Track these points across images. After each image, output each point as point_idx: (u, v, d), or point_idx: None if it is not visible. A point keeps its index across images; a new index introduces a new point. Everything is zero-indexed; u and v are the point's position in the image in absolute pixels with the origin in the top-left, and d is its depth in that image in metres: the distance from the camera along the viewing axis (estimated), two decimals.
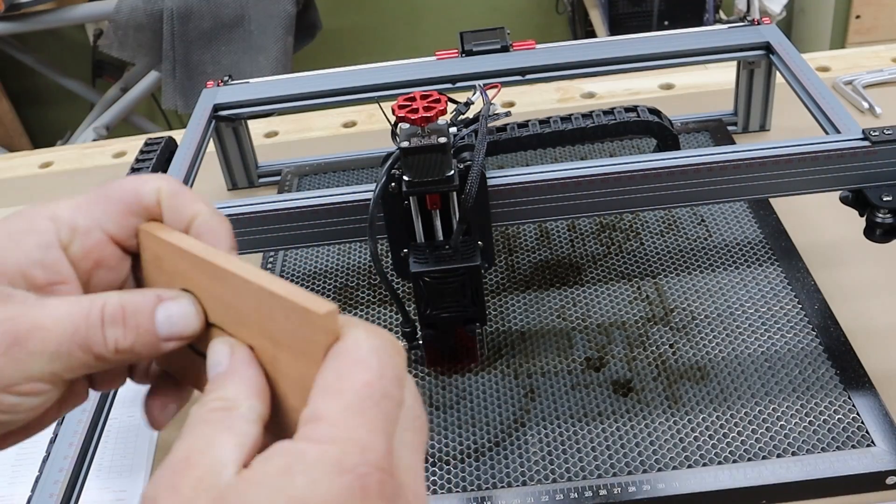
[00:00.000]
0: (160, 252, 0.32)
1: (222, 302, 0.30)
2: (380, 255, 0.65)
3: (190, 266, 0.31)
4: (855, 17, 2.03)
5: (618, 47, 0.82)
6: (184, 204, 0.33)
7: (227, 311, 0.30)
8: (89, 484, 0.57)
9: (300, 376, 0.28)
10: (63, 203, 0.32)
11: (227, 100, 0.83)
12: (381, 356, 0.27)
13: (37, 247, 0.31)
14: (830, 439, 0.58)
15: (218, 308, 0.31)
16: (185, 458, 0.26)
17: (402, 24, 2.53)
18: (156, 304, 0.30)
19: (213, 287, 0.30)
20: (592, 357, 0.67)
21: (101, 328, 0.29)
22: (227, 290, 0.30)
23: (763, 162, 0.61)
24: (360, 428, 0.25)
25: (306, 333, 0.27)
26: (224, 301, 0.30)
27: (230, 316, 0.30)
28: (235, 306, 0.30)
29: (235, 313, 0.30)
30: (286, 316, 0.28)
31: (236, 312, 0.30)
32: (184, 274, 0.31)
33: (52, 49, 2.36)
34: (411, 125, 0.56)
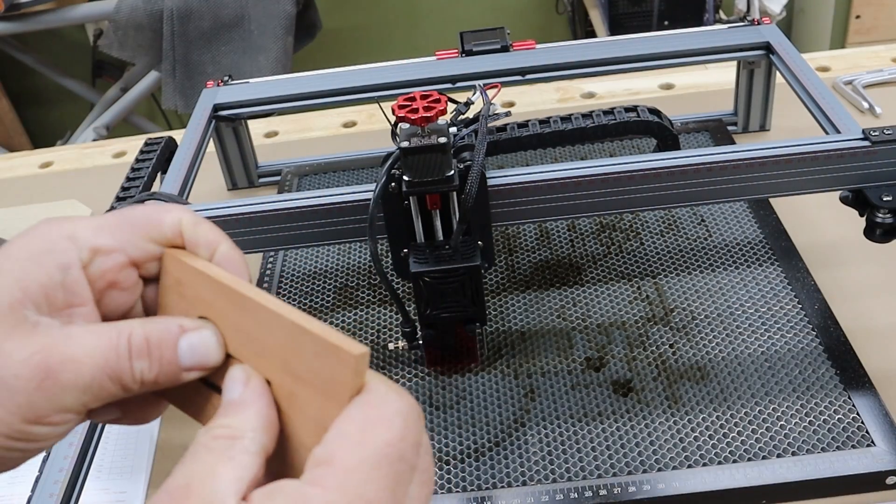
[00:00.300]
0: (184, 278, 0.32)
1: (245, 333, 0.30)
2: (380, 255, 0.65)
3: (215, 294, 0.31)
4: (855, 17, 2.03)
5: (618, 47, 0.82)
6: (205, 235, 0.33)
7: (248, 342, 0.30)
8: (89, 484, 0.57)
9: (318, 415, 0.28)
10: (82, 222, 0.32)
11: (227, 100, 0.83)
12: (405, 419, 0.27)
13: (58, 268, 0.31)
14: (830, 439, 0.58)
15: (238, 339, 0.31)
16: (185, 486, 0.26)
17: (402, 24, 2.53)
18: (179, 335, 0.31)
19: (237, 317, 0.30)
20: (592, 357, 0.67)
21: (129, 360, 0.30)
22: (253, 322, 0.30)
23: (763, 162, 0.61)
24: (371, 484, 0.26)
25: (334, 373, 0.28)
26: (247, 333, 0.30)
27: (251, 348, 0.30)
28: (259, 339, 0.30)
29: (257, 345, 0.30)
30: (316, 353, 0.28)
31: (258, 345, 0.30)
32: (206, 301, 0.31)
33: (52, 49, 2.36)
34: (411, 125, 0.56)
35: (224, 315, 0.31)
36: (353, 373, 0.27)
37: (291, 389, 0.29)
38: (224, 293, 0.30)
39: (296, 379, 0.29)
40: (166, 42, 1.70)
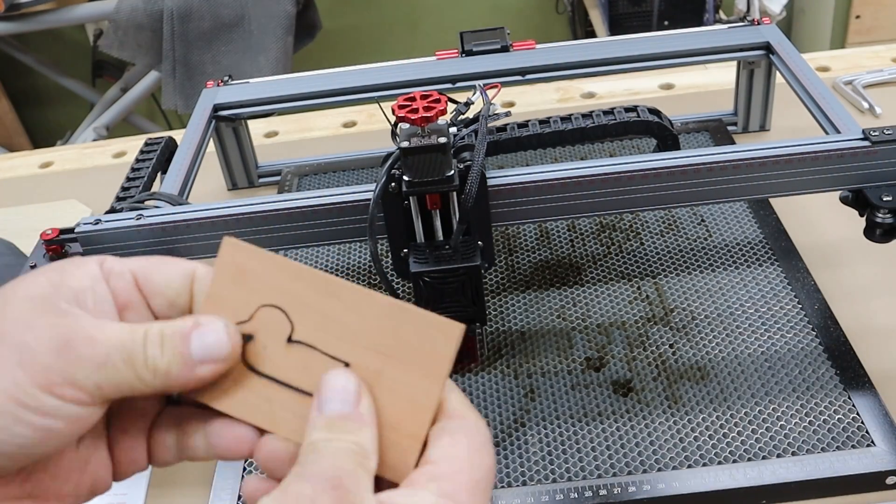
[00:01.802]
0: (249, 265, 0.32)
1: (324, 317, 0.31)
2: (380, 255, 0.65)
3: (292, 281, 0.31)
4: (855, 17, 2.03)
5: (618, 47, 0.82)
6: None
7: (326, 327, 0.31)
8: None
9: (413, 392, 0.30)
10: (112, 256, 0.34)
11: (227, 100, 0.83)
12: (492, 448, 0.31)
13: (87, 277, 0.32)
14: (830, 439, 0.58)
15: (314, 323, 0.31)
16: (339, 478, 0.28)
17: (401, 24, 2.53)
18: (192, 329, 0.31)
19: (317, 302, 0.31)
20: (592, 357, 0.67)
21: (143, 347, 0.31)
22: (339, 305, 0.31)
23: (763, 162, 0.61)
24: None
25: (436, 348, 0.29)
26: (328, 316, 0.31)
27: (330, 332, 0.31)
28: (344, 321, 0.30)
29: (339, 329, 0.31)
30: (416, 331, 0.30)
31: (341, 328, 0.31)
32: (275, 288, 0.31)
33: (52, 49, 2.36)
34: (411, 125, 0.56)
35: (300, 300, 0.31)
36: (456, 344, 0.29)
37: (379, 370, 0.30)
38: (304, 278, 0.31)
39: (387, 358, 0.30)
40: (166, 42, 1.70)
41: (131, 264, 0.34)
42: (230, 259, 0.32)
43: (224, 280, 0.32)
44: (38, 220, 0.94)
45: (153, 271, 0.33)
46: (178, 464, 0.35)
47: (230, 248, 0.32)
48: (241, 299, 0.32)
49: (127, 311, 0.33)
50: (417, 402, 0.30)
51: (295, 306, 0.31)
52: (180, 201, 0.67)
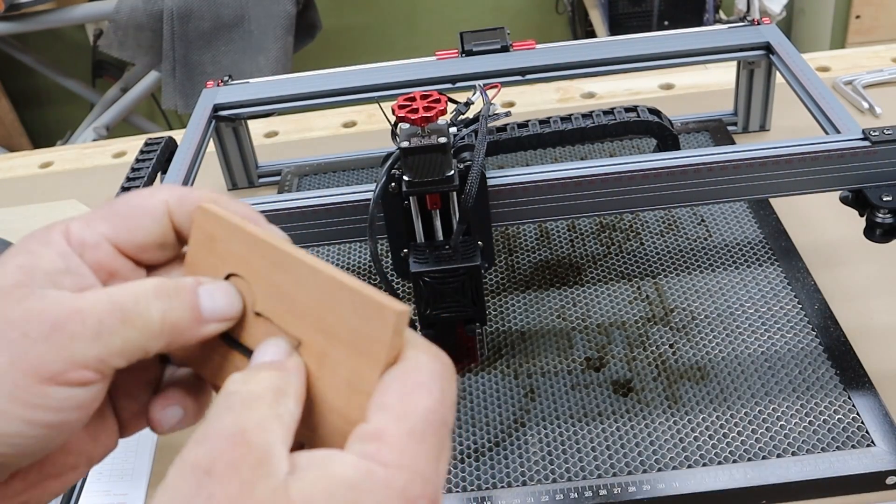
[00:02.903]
0: (217, 233, 0.31)
1: (278, 290, 0.30)
2: (380, 255, 0.65)
3: (249, 249, 0.30)
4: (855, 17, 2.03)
5: (618, 47, 0.82)
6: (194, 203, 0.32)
7: (280, 300, 0.29)
8: (90, 487, 0.57)
9: (351, 376, 0.28)
10: (75, 220, 0.32)
11: (227, 100, 0.83)
12: (442, 382, 0.27)
13: (58, 255, 0.30)
14: (830, 439, 0.58)
15: (270, 296, 0.30)
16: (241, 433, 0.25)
17: (401, 24, 2.53)
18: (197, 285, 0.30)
19: (271, 273, 0.30)
20: (592, 357, 0.67)
21: (147, 301, 0.29)
22: (289, 278, 0.29)
23: (763, 162, 0.61)
24: (422, 456, 0.26)
25: (373, 331, 0.27)
26: (281, 289, 0.29)
27: (283, 306, 0.29)
28: (293, 296, 0.29)
29: (290, 303, 0.29)
30: (355, 310, 0.27)
31: (291, 303, 0.29)
32: (239, 257, 0.31)
33: (52, 49, 2.36)
34: (411, 125, 0.56)
35: (257, 271, 0.30)
36: (393, 331, 0.27)
37: (323, 349, 0.28)
38: (259, 248, 0.30)
39: (330, 338, 0.28)
40: (166, 42, 1.70)
41: (101, 228, 0.31)
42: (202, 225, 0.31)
43: (196, 246, 0.32)
44: (38, 220, 0.93)
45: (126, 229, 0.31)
46: None
47: (201, 214, 0.31)
48: (210, 267, 0.31)
49: (114, 278, 0.31)
50: (355, 387, 0.28)
51: (254, 277, 0.30)
52: None
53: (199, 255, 0.32)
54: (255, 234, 0.30)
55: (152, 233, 0.32)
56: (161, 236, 0.32)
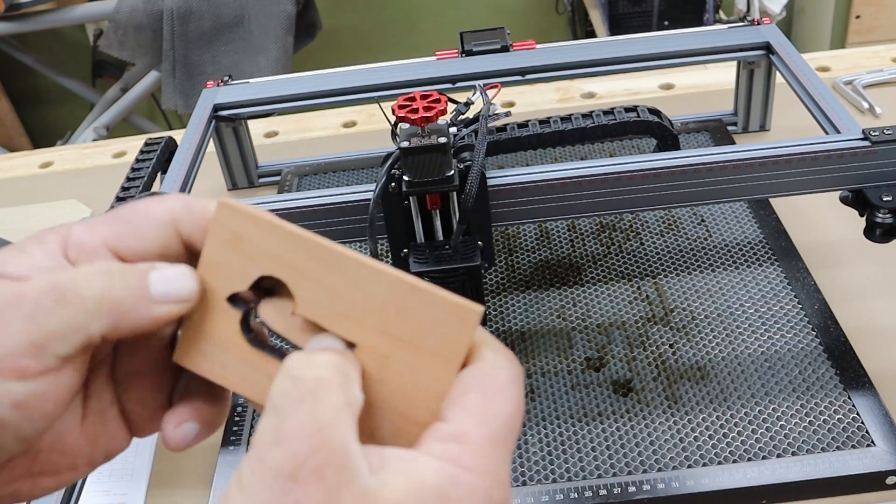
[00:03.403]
0: (245, 232, 0.29)
1: (327, 292, 0.28)
2: (380, 255, 0.65)
3: (289, 249, 0.28)
4: (855, 17, 2.03)
5: (618, 47, 0.82)
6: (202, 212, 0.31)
7: (330, 302, 0.28)
8: (90, 487, 0.57)
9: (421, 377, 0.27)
10: (79, 223, 0.31)
11: (227, 100, 0.83)
12: (517, 386, 0.27)
13: (45, 256, 0.29)
14: (830, 439, 0.58)
15: (316, 299, 0.28)
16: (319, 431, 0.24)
17: (402, 24, 2.53)
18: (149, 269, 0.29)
19: (319, 275, 0.28)
20: (592, 357, 0.67)
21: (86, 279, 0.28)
22: (343, 279, 0.28)
23: (763, 162, 0.61)
24: (502, 462, 0.26)
25: (450, 332, 0.27)
26: (332, 291, 0.28)
27: (335, 308, 0.28)
28: (347, 297, 0.28)
29: (344, 305, 0.28)
30: (427, 311, 0.27)
31: (346, 304, 0.28)
32: (274, 257, 0.28)
33: (52, 49, 2.36)
34: (411, 125, 0.56)
35: (300, 272, 0.28)
36: (471, 328, 0.27)
37: (385, 351, 0.28)
38: (304, 247, 0.28)
39: (395, 340, 0.27)
40: (166, 42, 1.70)
41: (102, 232, 0.30)
42: (225, 223, 0.29)
43: (217, 245, 0.29)
44: (38, 220, 0.94)
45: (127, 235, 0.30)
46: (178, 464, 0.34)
47: (226, 211, 0.29)
48: (236, 267, 0.29)
49: None
50: (428, 389, 0.27)
51: (296, 278, 0.28)
52: None
53: (220, 255, 0.29)
54: (298, 232, 0.28)
55: (154, 240, 0.30)
56: (163, 245, 0.31)
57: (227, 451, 0.62)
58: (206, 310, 0.30)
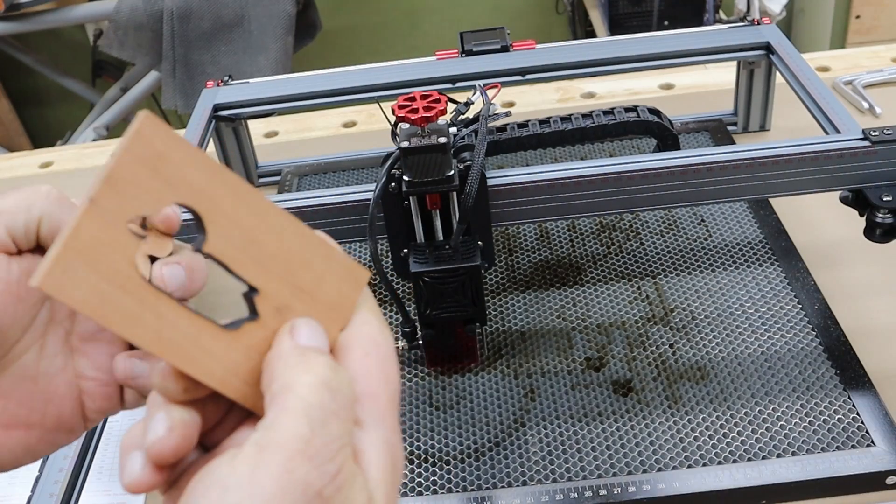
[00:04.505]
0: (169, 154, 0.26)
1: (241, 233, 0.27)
2: (380, 255, 0.65)
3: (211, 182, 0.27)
4: (855, 17, 2.03)
5: (618, 47, 0.82)
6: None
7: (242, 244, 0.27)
8: (89, 487, 0.57)
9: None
10: None
11: (227, 100, 0.83)
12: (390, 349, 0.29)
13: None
14: (830, 439, 0.58)
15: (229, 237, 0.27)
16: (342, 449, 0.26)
17: (402, 24, 2.53)
18: None
19: (236, 213, 0.27)
20: (592, 357, 0.67)
21: None
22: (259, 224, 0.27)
23: (763, 162, 0.61)
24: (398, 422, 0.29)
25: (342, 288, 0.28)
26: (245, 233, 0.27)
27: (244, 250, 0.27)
28: (260, 243, 0.27)
29: (255, 250, 0.27)
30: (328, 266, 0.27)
31: (256, 250, 0.27)
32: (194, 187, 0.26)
33: (52, 49, 2.36)
34: (411, 125, 0.56)
35: (218, 207, 0.27)
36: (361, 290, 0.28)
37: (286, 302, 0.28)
38: (229, 185, 0.27)
39: (296, 291, 0.27)
40: (166, 42, 1.70)
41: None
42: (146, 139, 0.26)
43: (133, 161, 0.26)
44: None
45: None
46: None
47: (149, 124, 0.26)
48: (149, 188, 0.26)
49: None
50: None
51: (213, 214, 0.27)
52: None
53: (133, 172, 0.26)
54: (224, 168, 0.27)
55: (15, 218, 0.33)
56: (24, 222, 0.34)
57: None
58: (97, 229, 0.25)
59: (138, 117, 0.26)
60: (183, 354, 0.26)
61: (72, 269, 0.24)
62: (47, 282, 0.24)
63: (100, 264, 0.25)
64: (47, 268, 0.24)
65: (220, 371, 0.27)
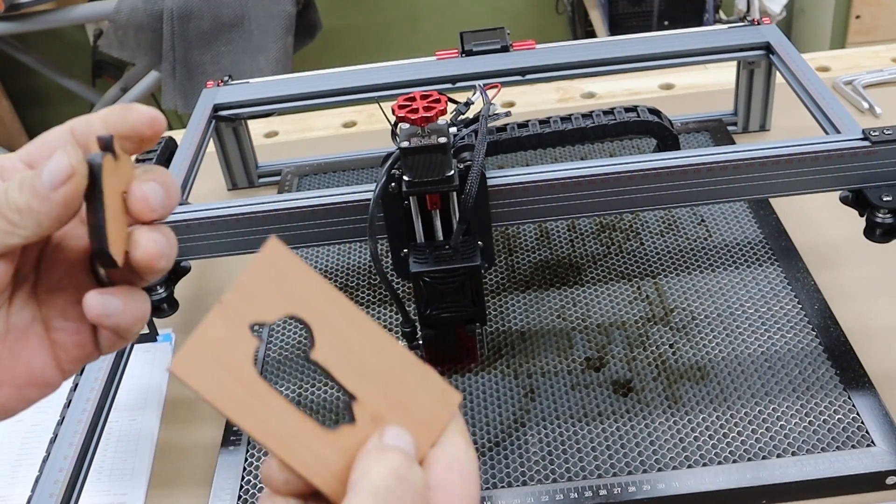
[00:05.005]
0: (290, 273, 0.31)
1: (346, 346, 0.31)
2: (380, 255, 0.65)
3: (324, 300, 0.31)
4: (855, 17, 2.03)
5: (618, 47, 0.82)
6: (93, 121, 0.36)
7: (346, 355, 0.31)
8: (89, 487, 0.57)
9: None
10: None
11: (227, 100, 0.83)
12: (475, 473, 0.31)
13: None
14: (830, 439, 0.58)
15: (334, 348, 0.31)
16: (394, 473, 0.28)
17: (402, 24, 2.53)
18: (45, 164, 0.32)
19: (344, 329, 0.31)
20: (592, 357, 0.67)
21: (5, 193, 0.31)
22: (362, 339, 0.31)
23: (763, 162, 0.61)
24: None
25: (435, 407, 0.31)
26: (350, 346, 0.31)
27: (348, 361, 0.31)
28: (362, 356, 0.31)
29: (357, 361, 0.31)
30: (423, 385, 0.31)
31: (358, 361, 0.31)
32: (308, 303, 0.31)
33: (52, 49, 2.36)
34: (411, 125, 0.56)
35: (328, 322, 0.31)
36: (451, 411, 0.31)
37: (381, 411, 0.31)
38: (338, 303, 0.31)
39: (392, 403, 0.31)
40: (166, 42, 1.70)
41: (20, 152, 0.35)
42: (272, 259, 0.31)
43: (258, 275, 0.31)
44: None
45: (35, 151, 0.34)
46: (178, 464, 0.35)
47: (275, 248, 0.31)
48: (270, 300, 0.31)
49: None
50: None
51: (322, 326, 0.31)
52: (180, 201, 0.67)
53: (258, 284, 0.31)
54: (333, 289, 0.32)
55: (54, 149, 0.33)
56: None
57: (227, 451, 0.62)
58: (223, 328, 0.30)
59: (267, 241, 0.31)
60: (285, 445, 0.30)
61: (200, 358, 0.29)
62: (179, 368, 0.29)
63: (222, 357, 0.30)
64: (180, 355, 0.29)
65: (317, 465, 0.30)
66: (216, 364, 0.30)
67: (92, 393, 0.59)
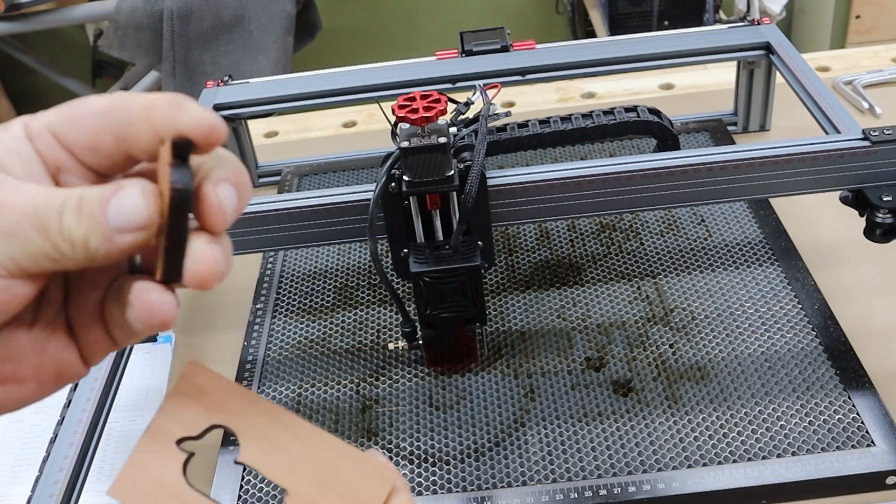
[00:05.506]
0: (210, 387, 0.34)
1: (270, 445, 0.33)
2: (380, 255, 0.65)
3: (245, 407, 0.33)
4: (855, 17, 2.03)
5: (618, 47, 0.82)
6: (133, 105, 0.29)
7: (272, 453, 0.33)
8: (89, 487, 0.57)
9: None
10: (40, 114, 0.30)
11: (227, 100, 0.83)
12: None
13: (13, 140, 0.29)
14: (830, 439, 0.58)
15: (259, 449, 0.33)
16: None
17: (401, 24, 2.53)
18: (113, 193, 0.27)
19: (267, 430, 0.33)
20: (592, 357, 0.67)
21: (60, 216, 0.27)
22: (286, 435, 0.33)
23: (763, 162, 0.61)
24: None
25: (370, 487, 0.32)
26: (274, 444, 0.33)
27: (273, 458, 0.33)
28: (288, 450, 0.33)
29: (283, 457, 0.33)
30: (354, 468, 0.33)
31: (284, 456, 0.33)
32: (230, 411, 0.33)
33: (52, 49, 2.37)
34: (411, 125, 0.56)
35: (250, 425, 0.34)
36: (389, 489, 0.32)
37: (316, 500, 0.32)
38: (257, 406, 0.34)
39: (325, 491, 0.32)
40: (166, 42, 1.70)
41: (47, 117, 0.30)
42: (191, 379, 0.34)
43: (182, 396, 0.34)
44: None
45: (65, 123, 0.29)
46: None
47: (193, 369, 0.34)
48: (194, 416, 0.34)
49: (61, 173, 0.30)
50: None
51: (245, 431, 0.33)
52: None
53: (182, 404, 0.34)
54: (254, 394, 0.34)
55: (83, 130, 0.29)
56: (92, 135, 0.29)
57: (226, 450, 0.62)
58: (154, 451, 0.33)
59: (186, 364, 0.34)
60: None
61: (134, 480, 0.32)
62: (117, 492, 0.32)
63: (153, 476, 0.33)
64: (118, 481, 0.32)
65: None
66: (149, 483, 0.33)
67: (92, 393, 0.59)
